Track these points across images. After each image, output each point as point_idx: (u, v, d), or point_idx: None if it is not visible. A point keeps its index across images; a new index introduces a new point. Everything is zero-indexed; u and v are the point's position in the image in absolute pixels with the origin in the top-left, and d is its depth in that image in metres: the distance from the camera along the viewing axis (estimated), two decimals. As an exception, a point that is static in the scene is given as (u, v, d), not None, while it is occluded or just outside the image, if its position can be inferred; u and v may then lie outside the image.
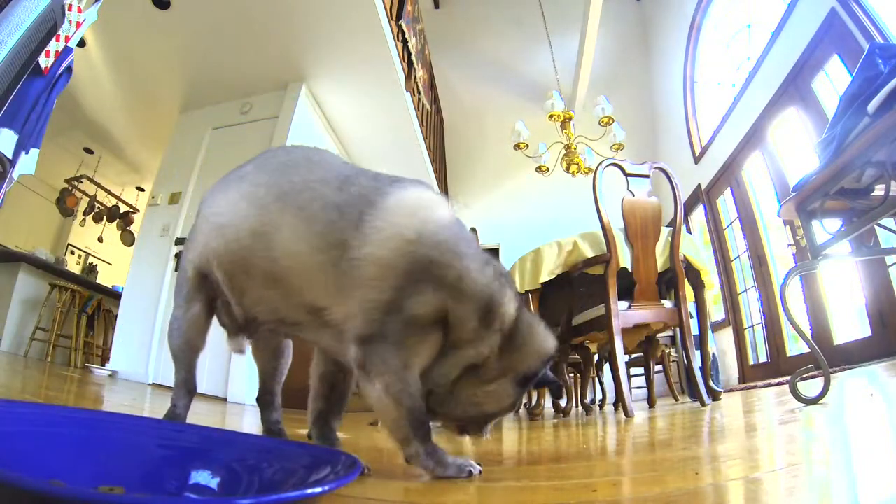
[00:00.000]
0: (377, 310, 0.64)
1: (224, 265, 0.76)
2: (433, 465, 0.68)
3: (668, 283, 2.35)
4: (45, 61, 1.72)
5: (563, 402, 2.73)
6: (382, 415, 0.68)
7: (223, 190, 0.81)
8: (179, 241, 3.66)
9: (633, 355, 3.56)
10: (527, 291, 2.35)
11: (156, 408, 1.98)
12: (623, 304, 2.05)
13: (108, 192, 6.59)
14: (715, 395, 2.31)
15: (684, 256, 2.28)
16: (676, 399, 3.20)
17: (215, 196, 0.83)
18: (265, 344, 0.97)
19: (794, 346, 3.96)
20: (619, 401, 2.04)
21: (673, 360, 3.78)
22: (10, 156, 1.65)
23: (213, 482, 0.49)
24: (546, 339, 0.75)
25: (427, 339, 0.67)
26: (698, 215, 5.70)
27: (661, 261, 2.18)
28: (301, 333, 0.78)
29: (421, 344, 0.67)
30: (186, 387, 0.91)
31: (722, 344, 5.03)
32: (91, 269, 6.62)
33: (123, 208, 6.83)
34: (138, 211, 6.79)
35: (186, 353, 0.88)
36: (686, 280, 2.25)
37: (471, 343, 0.69)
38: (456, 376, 0.71)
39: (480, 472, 0.70)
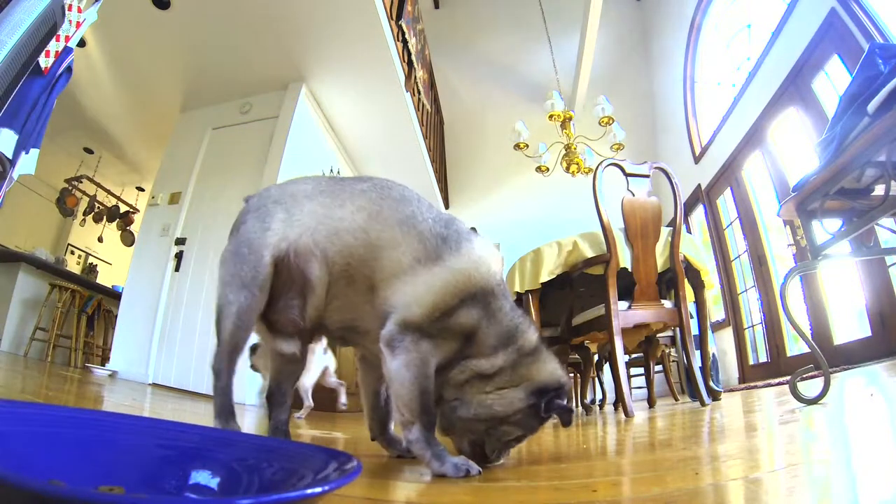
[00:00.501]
0: (440, 309, 0.75)
1: (332, 268, 0.84)
2: (430, 456, 0.71)
3: (668, 283, 2.35)
4: (45, 61, 1.72)
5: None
6: (397, 387, 0.75)
7: (333, 196, 0.88)
8: (180, 241, 3.66)
9: (633, 355, 3.56)
10: (527, 291, 2.35)
11: (156, 408, 1.98)
12: (623, 304, 2.05)
13: (108, 192, 6.59)
14: (715, 395, 2.31)
15: (684, 256, 2.28)
16: (676, 399, 3.20)
17: (324, 199, 0.88)
18: (282, 347, 0.97)
19: (794, 346, 3.96)
20: (619, 401, 2.04)
21: (673, 360, 3.78)
22: (10, 156, 1.65)
23: (213, 482, 0.49)
24: (562, 370, 0.84)
25: (450, 343, 0.77)
26: (698, 215, 5.69)
27: (661, 261, 2.18)
28: (363, 341, 0.88)
29: (446, 344, 0.77)
30: (234, 373, 0.89)
31: (722, 344, 5.02)
32: (91, 269, 6.63)
33: (123, 208, 6.84)
34: (138, 211, 6.79)
35: (246, 341, 0.88)
36: (686, 280, 2.25)
37: (484, 356, 0.79)
38: (464, 379, 0.79)
39: (480, 472, 0.70)
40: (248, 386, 2.97)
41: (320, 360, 2.55)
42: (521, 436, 0.81)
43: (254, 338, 0.95)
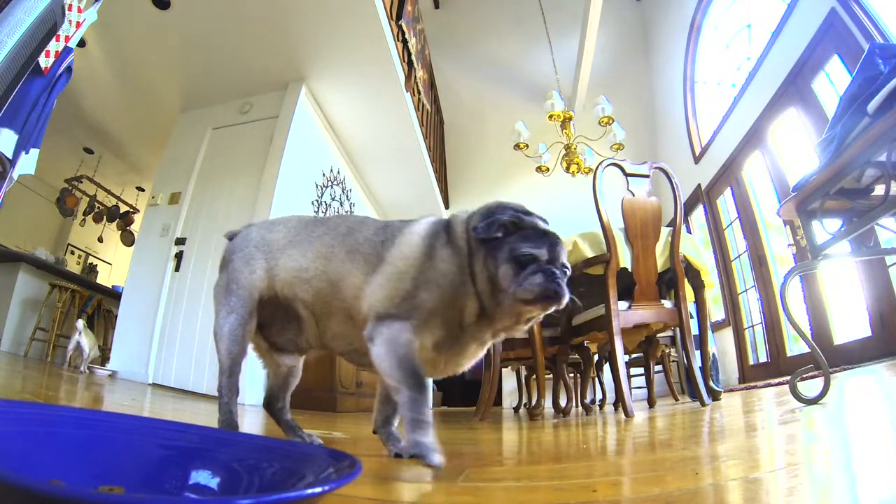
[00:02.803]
0: (398, 296, 0.81)
1: (313, 309, 0.95)
2: (410, 419, 0.74)
3: (668, 283, 2.35)
4: (45, 61, 1.72)
5: (563, 402, 2.73)
6: (378, 365, 0.79)
7: (298, 246, 0.98)
8: (180, 241, 3.66)
9: (633, 355, 3.56)
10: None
11: (156, 408, 1.98)
12: (623, 304, 2.05)
13: (108, 192, 6.59)
14: (715, 395, 2.31)
15: (684, 256, 2.28)
16: (676, 399, 3.20)
17: (292, 251, 0.98)
18: (285, 361, 1.08)
19: (794, 346, 3.96)
20: (619, 401, 2.04)
21: (673, 360, 3.78)
22: (10, 156, 1.65)
23: (213, 482, 0.49)
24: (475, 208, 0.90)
25: (430, 323, 0.80)
26: (698, 215, 5.70)
27: (661, 261, 2.18)
28: (366, 359, 0.92)
29: (424, 325, 0.80)
30: (236, 392, 0.99)
31: (722, 344, 5.02)
32: (91, 269, 6.63)
33: (123, 208, 6.83)
34: (138, 211, 6.79)
35: (241, 359, 0.98)
36: (686, 280, 2.25)
37: (466, 316, 0.82)
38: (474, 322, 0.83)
39: (439, 466, 0.71)
40: (249, 386, 2.97)
41: (75, 340, 3.68)
42: (516, 260, 0.77)
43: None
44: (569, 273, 0.80)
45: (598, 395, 3.72)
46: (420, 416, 0.74)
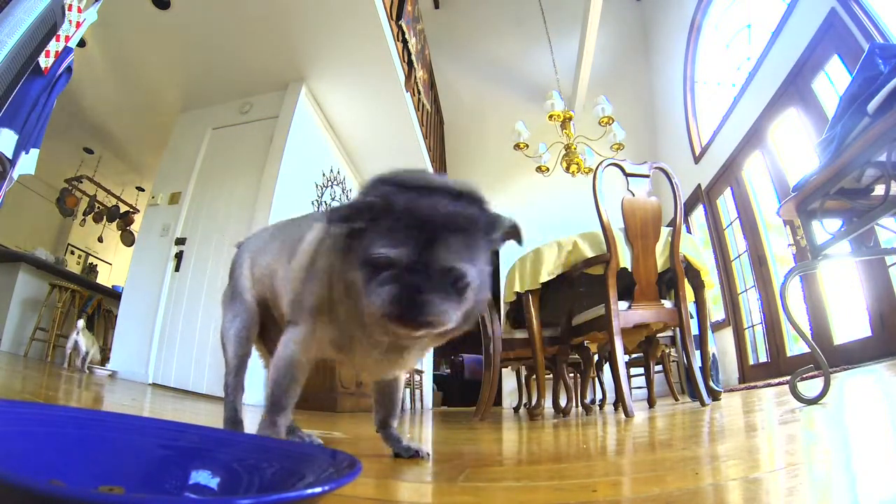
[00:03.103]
0: (292, 298, 0.84)
1: (276, 306, 0.97)
2: (264, 426, 0.80)
3: (668, 283, 2.35)
4: (45, 61, 1.72)
5: (563, 402, 2.73)
6: (269, 374, 0.83)
7: (274, 242, 1.01)
8: (180, 241, 3.66)
9: (633, 355, 3.56)
10: (527, 291, 2.35)
11: (156, 408, 1.98)
12: (623, 304, 2.05)
13: (108, 192, 6.59)
14: (715, 395, 2.31)
15: (684, 256, 2.28)
16: (676, 399, 3.20)
17: (271, 245, 1.01)
18: None
19: (794, 346, 3.96)
20: (619, 401, 2.04)
21: (673, 360, 3.78)
22: (10, 156, 1.65)
23: (213, 482, 0.49)
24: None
25: (321, 321, 0.78)
26: (698, 215, 5.69)
27: (661, 261, 2.18)
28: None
29: (315, 324, 0.79)
30: (242, 390, 1.05)
31: (722, 344, 5.02)
32: (91, 269, 6.63)
33: (123, 208, 6.83)
34: (138, 211, 6.79)
35: (247, 360, 1.04)
36: (686, 280, 2.25)
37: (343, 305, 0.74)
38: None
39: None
40: (249, 386, 2.97)
41: (73, 339, 3.91)
42: (368, 262, 0.60)
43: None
44: (466, 281, 0.59)
45: (598, 395, 3.72)
46: (272, 428, 0.80)
